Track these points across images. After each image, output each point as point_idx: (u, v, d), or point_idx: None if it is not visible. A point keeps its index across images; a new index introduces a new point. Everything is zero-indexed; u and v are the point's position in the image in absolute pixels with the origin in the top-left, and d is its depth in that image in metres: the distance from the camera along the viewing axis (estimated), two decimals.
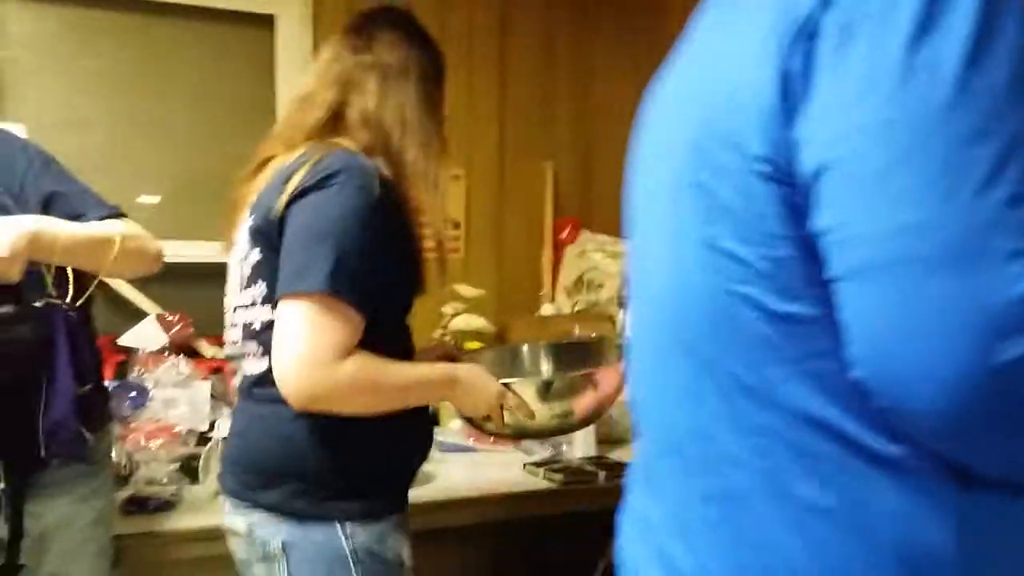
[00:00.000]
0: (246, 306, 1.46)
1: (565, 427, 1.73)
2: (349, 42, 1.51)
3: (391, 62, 1.48)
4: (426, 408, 1.58)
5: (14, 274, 1.38)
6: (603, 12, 3.31)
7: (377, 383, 1.33)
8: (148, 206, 2.85)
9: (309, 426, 1.37)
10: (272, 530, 1.39)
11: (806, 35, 0.69)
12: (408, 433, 1.50)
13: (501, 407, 1.55)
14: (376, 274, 1.33)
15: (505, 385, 1.55)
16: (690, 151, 0.80)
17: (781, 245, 0.72)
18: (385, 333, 1.40)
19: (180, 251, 2.75)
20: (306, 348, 1.26)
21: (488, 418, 1.58)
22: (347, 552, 1.36)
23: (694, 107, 0.81)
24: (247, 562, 1.47)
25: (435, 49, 1.60)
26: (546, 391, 1.61)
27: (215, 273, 1.79)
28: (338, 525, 1.37)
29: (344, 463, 1.38)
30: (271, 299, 1.37)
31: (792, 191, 0.70)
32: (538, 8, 3.23)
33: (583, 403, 1.65)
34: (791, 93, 0.69)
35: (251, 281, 1.44)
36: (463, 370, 1.52)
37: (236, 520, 1.46)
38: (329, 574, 1.36)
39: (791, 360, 0.73)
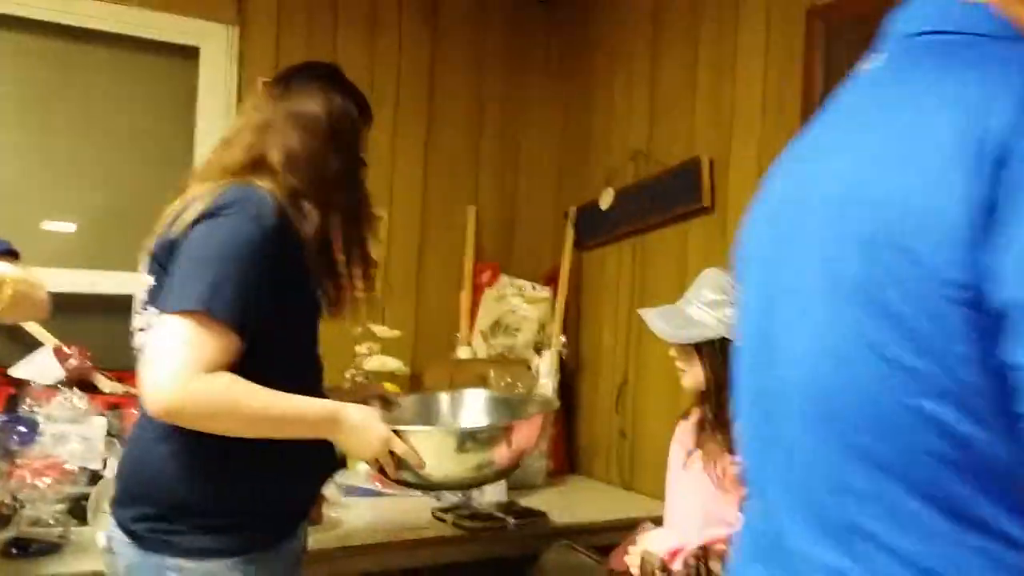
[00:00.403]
0: (141, 330, 1.48)
1: (480, 479, 1.69)
2: (271, 91, 1.60)
3: (308, 110, 1.54)
4: (308, 456, 1.50)
5: None
6: (530, 61, 3.36)
7: (239, 406, 1.32)
8: (55, 234, 2.75)
9: (166, 453, 1.40)
10: (122, 550, 1.43)
11: (997, 161, 0.67)
12: (272, 477, 1.46)
13: (393, 454, 1.50)
14: (259, 301, 1.35)
15: (396, 432, 1.49)
16: (853, 248, 0.77)
17: (966, 368, 0.70)
18: (276, 363, 1.41)
19: (84, 281, 2.65)
20: (170, 361, 1.28)
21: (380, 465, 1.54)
22: None
23: (859, 203, 0.78)
24: None
25: (355, 98, 1.63)
26: (462, 442, 1.57)
27: (118, 305, 1.73)
28: (168, 558, 1.37)
29: (188, 497, 1.39)
30: None
31: (982, 316, 0.68)
32: (466, 54, 3.26)
33: (500, 455, 1.60)
34: (981, 219, 0.67)
35: (145, 306, 1.47)
36: (350, 410, 1.46)
37: (108, 533, 1.49)
38: None
39: (972, 476, 0.71)
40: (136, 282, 1.53)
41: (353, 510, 2.31)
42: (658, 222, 2.80)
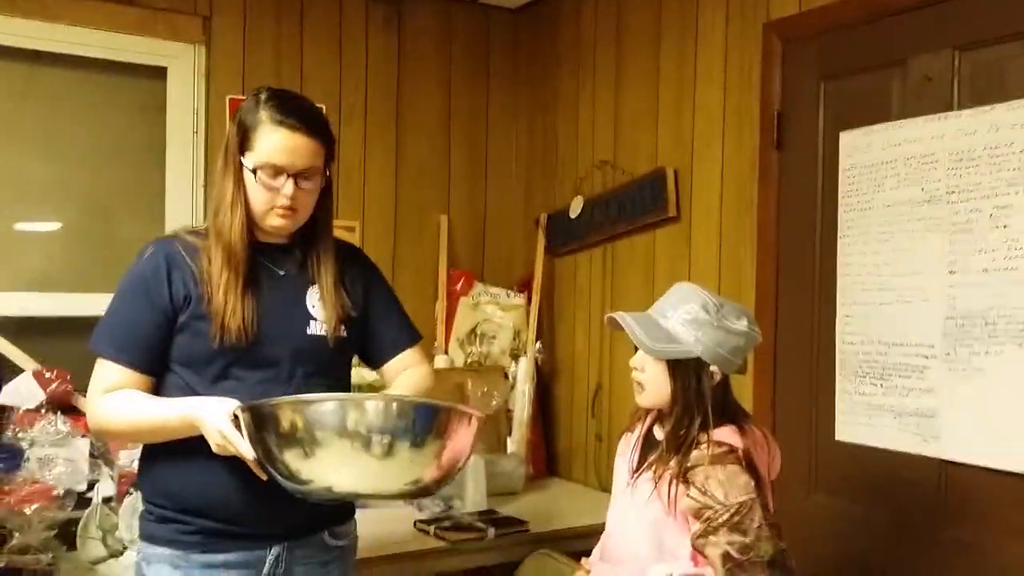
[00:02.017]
0: None
1: (408, 493, 1.51)
2: None
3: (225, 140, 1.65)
4: (216, 466, 1.54)
5: None
6: (497, 73, 3.41)
7: (110, 417, 1.58)
8: (29, 258, 2.75)
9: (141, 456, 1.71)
10: None
11: None
12: (185, 481, 1.59)
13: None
14: (139, 328, 1.60)
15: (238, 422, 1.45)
16: None
17: None
18: (179, 380, 1.61)
19: (61, 304, 2.67)
20: (88, 392, 1.63)
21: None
22: (139, 562, 1.65)
23: None
24: None
25: (248, 114, 1.60)
26: (389, 449, 1.38)
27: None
28: (141, 543, 1.65)
29: (144, 493, 1.67)
30: None
31: None
32: (434, 66, 3.30)
33: (430, 470, 1.46)
34: None
35: None
36: (205, 407, 1.49)
37: None
38: None
39: None
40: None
41: None
42: (626, 230, 2.87)
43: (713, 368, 1.71)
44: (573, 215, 3.09)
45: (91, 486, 2.22)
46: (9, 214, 2.71)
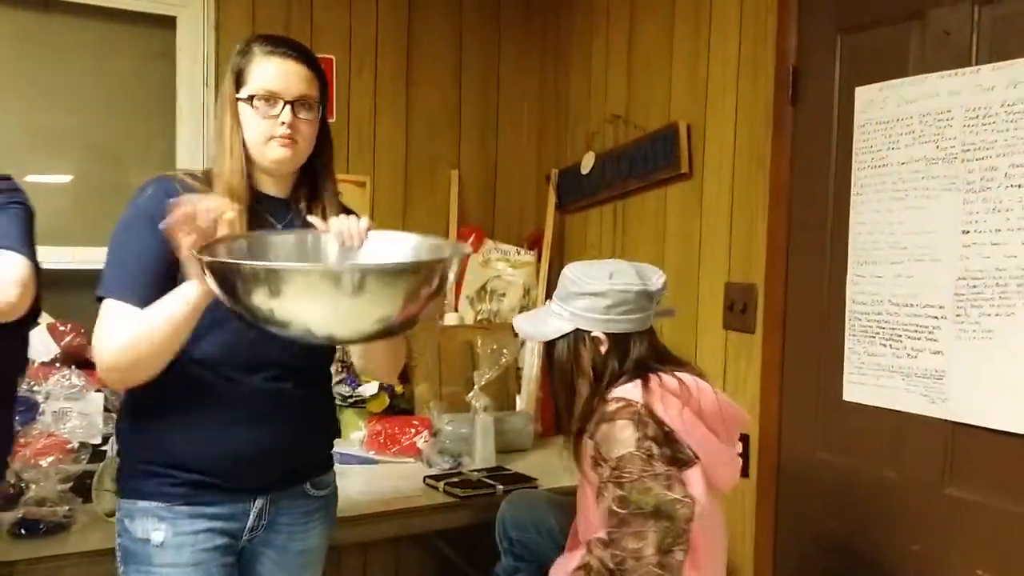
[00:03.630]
0: None
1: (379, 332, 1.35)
2: None
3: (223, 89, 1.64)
4: (214, 420, 1.57)
5: None
6: (508, 25, 3.35)
7: (120, 342, 1.46)
8: (41, 211, 2.75)
9: (121, 413, 1.68)
10: None
11: None
12: (173, 435, 1.58)
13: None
14: (148, 264, 1.52)
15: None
16: None
17: None
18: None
19: (73, 257, 2.68)
20: (93, 339, 1.52)
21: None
22: (120, 518, 1.62)
23: None
24: None
25: (240, 55, 1.61)
26: (360, 286, 1.25)
27: None
28: (121, 500, 1.63)
29: (125, 449, 1.65)
30: None
31: None
32: (445, 18, 3.25)
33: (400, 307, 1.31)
34: None
35: None
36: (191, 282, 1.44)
37: None
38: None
39: None
40: None
41: (347, 479, 2.38)
42: (638, 187, 2.84)
43: (595, 334, 1.75)
44: (584, 171, 3.06)
45: (106, 439, 2.25)
46: (20, 165, 2.72)
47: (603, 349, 1.76)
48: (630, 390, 1.70)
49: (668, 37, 2.74)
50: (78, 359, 2.49)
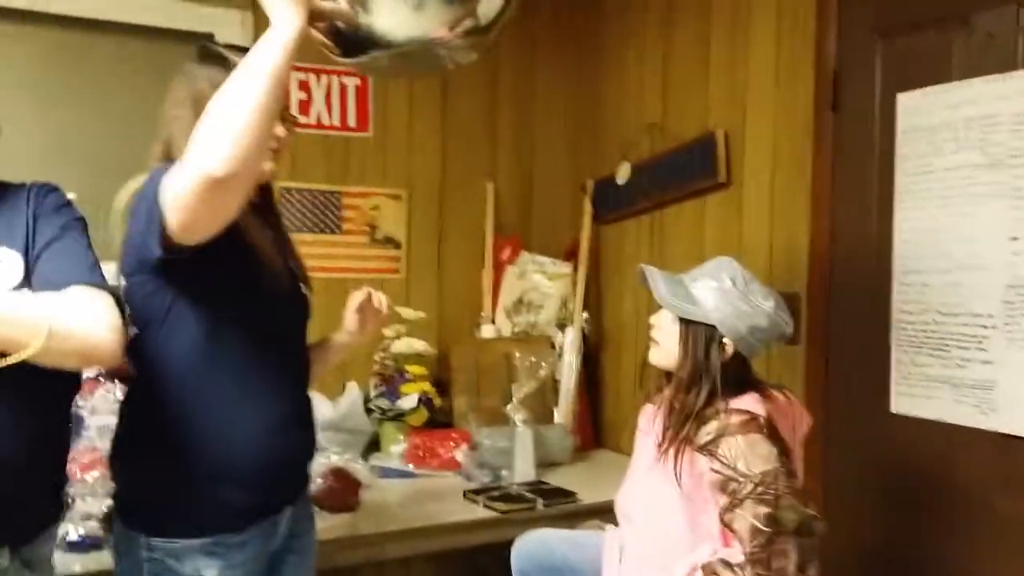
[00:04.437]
0: None
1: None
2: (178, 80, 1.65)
3: (200, 91, 1.46)
4: (252, 443, 1.50)
5: None
6: (544, 36, 3.35)
7: (231, 120, 1.21)
8: None
9: (126, 439, 1.55)
10: (115, 527, 1.56)
11: None
12: (218, 461, 1.48)
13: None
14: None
15: None
16: None
17: None
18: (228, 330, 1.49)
19: (112, 272, 2.71)
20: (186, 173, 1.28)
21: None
22: (143, 561, 1.48)
23: None
24: None
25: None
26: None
27: None
28: (141, 537, 1.48)
29: (147, 478, 1.49)
30: None
31: None
32: None
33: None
34: None
35: None
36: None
37: None
38: None
39: None
40: None
41: (387, 492, 2.39)
42: (675, 197, 2.82)
43: (726, 340, 1.72)
44: (620, 181, 3.05)
45: None
46: (64, 182, 2.74)
47: (725, 358, 1.73)
48: (750, 403, 1.68)
49: (704, 45, 2.72)
50: (121, 374, 2.52)
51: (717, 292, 1.74)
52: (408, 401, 2.78)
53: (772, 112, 2.47)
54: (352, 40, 1.33)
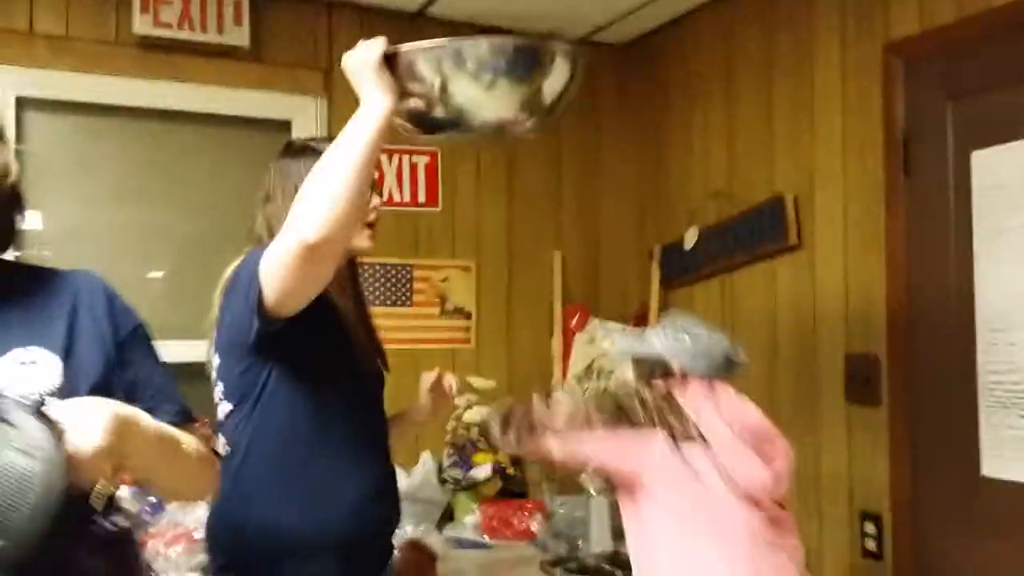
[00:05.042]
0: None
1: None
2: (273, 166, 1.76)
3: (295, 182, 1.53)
4: (333, 519, 1.52)
5: (104, 473, 0.96)
6: (605, 104, 3.41)
7: (327, 190, 1.30)
8: (160, 309, 2.88)
9: (223, 512, 1.56)
10: None
11: None
12: (316, 531, 1.50)
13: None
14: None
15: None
16: None
17: None
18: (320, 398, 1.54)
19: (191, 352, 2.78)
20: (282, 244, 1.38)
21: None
22: None
23: None
24: None
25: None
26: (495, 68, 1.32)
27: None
28: None
29: (245, 551, 1.52)
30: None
31: None
32: None
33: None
34: None
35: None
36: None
37: None
38: None
39: None
40: None
41: (462, 563, 2.37)
42: (744, 260, 2.81)
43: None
44: (688, 246, 3.05)
45: None
46: (144, 265, 2.86)
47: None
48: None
49: (768, 112, 2.74)
50: None
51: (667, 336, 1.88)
52: (481, 471, 2.78)
53: (841, 176, 2.47)
54: (429, 120, 1.40)
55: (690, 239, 3.05)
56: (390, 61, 1.34)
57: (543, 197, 3.33)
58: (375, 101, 1.33)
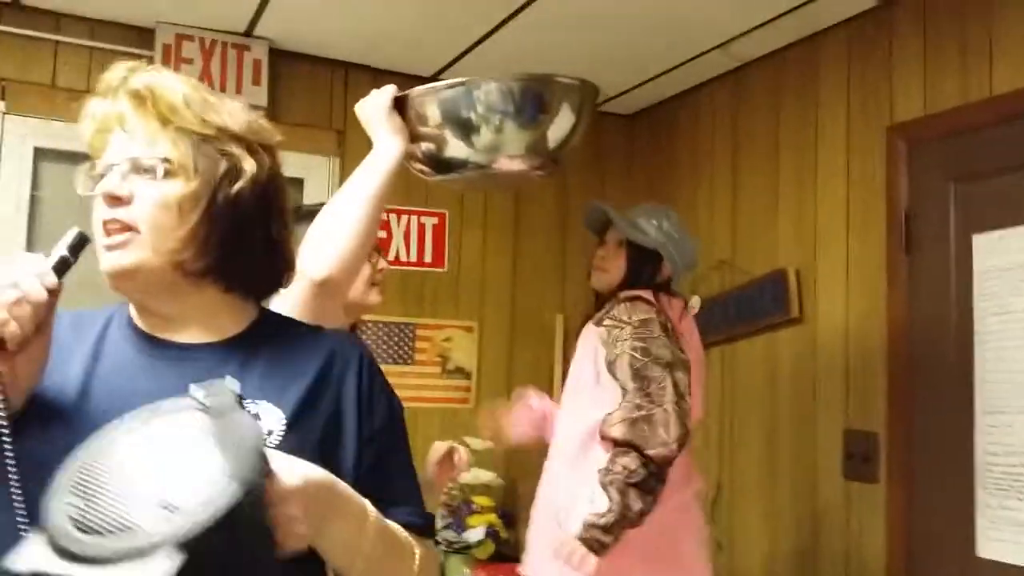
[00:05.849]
0: None
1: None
2: None
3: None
4: None
5: (297, 523, 0.81)
6: (612, 173, 3.47)
7: (336, 234, 1.33)
8: None
9: None
10: None
11: None
12: None
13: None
14: None
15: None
16: None
17: None
18: None
19: None
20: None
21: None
22: None
23: None
24: None
25: None
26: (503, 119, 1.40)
27: None
28: None
29: None
30: None
31: None
32: None
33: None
34: None
35: None
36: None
37: None
38: None
39: None
40: None
41: None
42: (746, 331, 2.83)
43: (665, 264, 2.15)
44: (690, 315, 3.07)
45: None
46: None
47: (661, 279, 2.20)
48: (640, 292, 2.07)
49: (773, 186, 2.79)
50: None
51: (656, 228, 2.17)
52: (475, 534, 2.76)
53: (843, 251, 2.50)
54: (441, 160, 1.46)
55: (692, 308, 3.07)
56: (401, 105, 1.42)
57: (548, 261, 3.37)
58: (386, 143, 1.40)
